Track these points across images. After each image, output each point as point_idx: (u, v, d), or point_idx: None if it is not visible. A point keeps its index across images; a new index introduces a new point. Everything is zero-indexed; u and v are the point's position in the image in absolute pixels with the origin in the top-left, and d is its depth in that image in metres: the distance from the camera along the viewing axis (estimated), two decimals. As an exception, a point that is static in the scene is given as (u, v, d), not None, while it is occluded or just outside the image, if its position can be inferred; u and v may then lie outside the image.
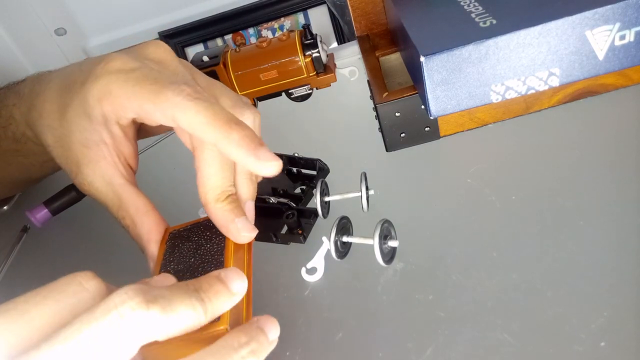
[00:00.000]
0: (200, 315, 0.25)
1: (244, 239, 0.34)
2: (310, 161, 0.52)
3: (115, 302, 0.22)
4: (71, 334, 0.21)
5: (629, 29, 0.37)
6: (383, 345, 0.34)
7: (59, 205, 0.55)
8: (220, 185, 0.34)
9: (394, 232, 0.39)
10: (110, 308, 0.22)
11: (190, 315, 0.24)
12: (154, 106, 0.31)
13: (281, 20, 1.00)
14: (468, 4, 0.43)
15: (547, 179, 0.42)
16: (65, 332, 0.21)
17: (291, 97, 0.62)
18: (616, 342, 0.30)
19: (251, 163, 0.31)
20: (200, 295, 0.26)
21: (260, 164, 0.30)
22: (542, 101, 0.48)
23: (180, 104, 0.30)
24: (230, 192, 0.35)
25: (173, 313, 0.23)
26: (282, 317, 0.39)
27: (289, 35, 0.60)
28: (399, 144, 0.50)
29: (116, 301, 0.22)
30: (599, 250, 0.35)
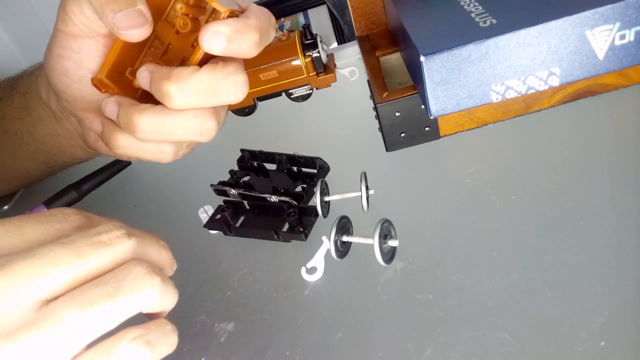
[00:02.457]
0: None
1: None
2: (311, 160, 0.52)
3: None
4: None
5: (629, 29, 0.37)
6: (383, 345, 0.34)
7: (59, 205, 0.55)
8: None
9: (394, 231, 0.39)
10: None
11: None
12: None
13: (281, 20, 1.00)
14: (468, 3, 0.43)
15: (547, 178, 0.42)
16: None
17: (291, 97, 0.62)
18: (616, 342, 0.30)
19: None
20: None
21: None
22: (542, 101, 0.48)
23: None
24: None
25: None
26: (282, 317, 0.39)
27: (289, 35, 0.60)
28: (399, 144, 0.50)
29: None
30: (599, 250, 0.35)
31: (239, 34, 0.29)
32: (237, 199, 0.51)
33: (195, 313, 0.41)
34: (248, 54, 0.30)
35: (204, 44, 0.29)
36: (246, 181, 0.54)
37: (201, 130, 0.32)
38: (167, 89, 0.30)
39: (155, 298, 0.25)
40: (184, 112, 0.32)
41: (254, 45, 0.30)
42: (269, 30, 0.31)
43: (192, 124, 0.32)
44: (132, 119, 0.32)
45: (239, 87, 0.31)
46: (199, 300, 0.42)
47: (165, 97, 0.30)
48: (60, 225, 0.26)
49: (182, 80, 0.30)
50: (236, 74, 0.31)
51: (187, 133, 0.32)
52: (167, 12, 0.32)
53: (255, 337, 0.38)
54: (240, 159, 0.56)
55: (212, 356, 0.38)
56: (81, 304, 0.23)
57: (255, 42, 0.30)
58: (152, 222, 0.54)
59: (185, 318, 0.41)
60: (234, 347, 0.38)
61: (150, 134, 0.32)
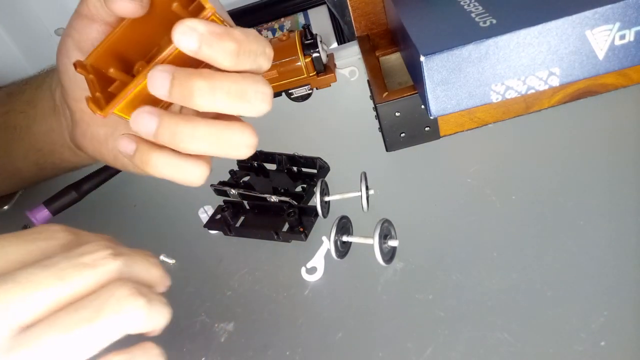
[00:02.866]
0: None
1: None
2: (311, 160, 0.52)
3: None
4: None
5: (629, 29, 0.37)
6: (383, 345, 0.34)
7: (59, 205, 0.55)
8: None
9: (394, 231, 0.39)
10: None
11: None
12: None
13: (281, 20, 1.00)
14: (468, 3, 0.43)
15: (547, 178, 0.42)
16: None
17: (291, 97, 0.62)
18: (616, 342, 0.30)
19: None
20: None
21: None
22: (542, 101, 0.48)
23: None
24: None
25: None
26: (282, 317, 0.39)
27: (289, 35, 0.60)
28: (399, 144, 0.50)
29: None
30: (599, 250, 0.35)
31: (215, 37, 0.27)
32: (237, 199, 0.51)
33: (195, 313, 0.41)
34: (222, 63, 0.28)
35: (175, 38, 0.26)
36: (246, 181, 0.54)
37: (248, 143, 0.31)
38: (198, 86, 0.27)
39: (141, 319, 0.24)
40: (233, 123, 0.30)
41: (230, 55, 0.27)
42: (255, 52, 0.29)
43: (240, 138, 0.30)
44: (179, 130, 0.29)
45: (266, 97, 0.30)
46: (199, 300, 0.42)
47: (194, 95, 0.28)
48: (46, 244, 0.25)
49: (215, 79, 0.28)
50: (264, 85, 0.30)
51: (234, 146, 0.31)
52: (166, 26, 0.32)
53: (255, 337, 0.38)
54: (240, 159, 0.56)
55: (212, 356, 0.38)
56: (59, 330, 0.22)
57: (232, 52, 0.27)
58: (152, 222, 0.54)
59: (185, 318, 0.41)
60: (234, 347, 0.38)
61: (200, 145, 0.30)
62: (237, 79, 0.28)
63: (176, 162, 0.30)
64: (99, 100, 0.30)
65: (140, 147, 0.30)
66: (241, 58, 0.28)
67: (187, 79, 0.27)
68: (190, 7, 0.30)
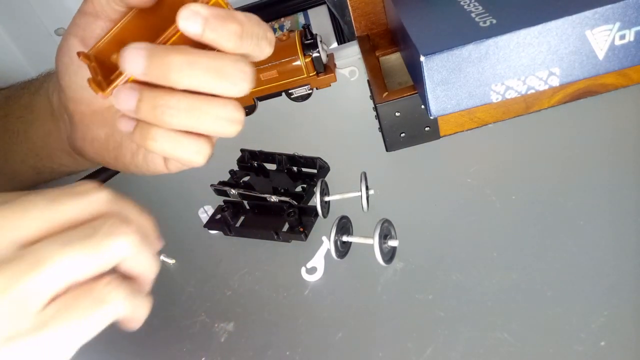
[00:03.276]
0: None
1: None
2: (311, 160, 0.52)
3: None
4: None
5: (629, 29, 0.37)
6: (383, 345, 0.34)
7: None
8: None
9: (394, 231, 0.39)
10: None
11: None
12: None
13: (281, 20, 1.00)
14: (468, 3, 0.43)
15: (547, 178, 0.42)
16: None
17: (291, 97, 0.62)
18: (616, 342, 0.30)
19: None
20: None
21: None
22: (542, 101, 0.48)
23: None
24: None
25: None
26: (282, 317, 0.39)
27: (289, 35, 0.60)
28: (399, 144, 0.50)
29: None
30: (599, 250, 0.35)
31: (219, 21, 0.27)
32: (237, 199, 0.51)
33: (195, 313, 0.41)
34: (225, 45, 0.28)
35: (180, 23, 0.27)
36: (246, 181, 0.54)
37: (232, 118, 0.31)
38: (175, 61, 0.28)
39: (132, 249, 0.25)
40: (215, 97, 0.30)
41: (234, 38, 0.28)
42: (257, 35, 0.29)
43: (222, 111, 0.30)
44: (159, 104, 0.29)
45: (246, 75, 0.29)
46: (199, 300, 0.42)
47: (171, 71, 0.28)
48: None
49: (192, 55, 0.28)
50: (244, 63, 0.29)
51: (218, 121, 0.30)
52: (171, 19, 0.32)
53: (255, 337, 0.38)
54: (240, 159, 0.56)
55: (212, 356, 0.38)
56: (59, 244, 0.23)
57: (236, 34, 0.28)
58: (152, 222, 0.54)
59: (185, 318, 0.41)
60: (234, 347, 0.38)
61: (182, 119, 0.30)
62: (215, 56, 0.28)
63: (175, 136, 0.31)
64: (101, 83, 0.31)
65: (140, 122, 0.31)
66: (244, 41, 0.28)
67: (163, 55, 0.27)
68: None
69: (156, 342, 0.40)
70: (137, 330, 0.31)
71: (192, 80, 0.28)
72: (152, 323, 0.42)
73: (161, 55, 0.27)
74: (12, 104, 0.45)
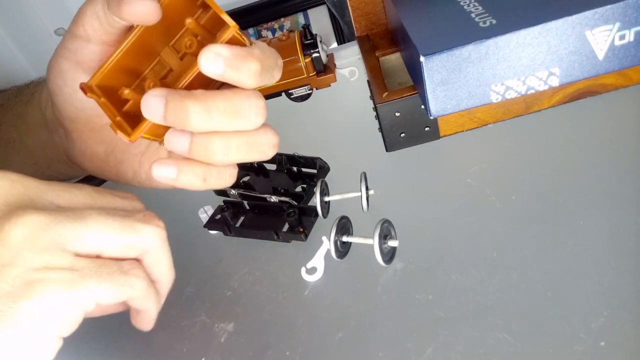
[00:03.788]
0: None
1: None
2: (311, 160, 0.52)
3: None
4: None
5: (629, 29, 0.37)
6: (383, 345, 0.34)
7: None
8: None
9: (394, 232, 0.39)
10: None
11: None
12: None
13: (281, 20, 1.00)
14: (468, 4, 0.43)
15: (547, 178, 0.42)
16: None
17: (291, 97, 0.62)
18: (616, 342, 0.30)
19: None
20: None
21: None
22: (542, 101, 0.48)
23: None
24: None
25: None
26: (282, 317, 0.39)
27: (289, 36, 0.60)
28: (399, 144, 0.50)
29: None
30: (599, 250, 0.35)
31: (240, 60, 0.28)
32: (237, 199, 0.51)
33: (195, 313, 0.41)
34: (246, 83, 0.29)
35: (202, 64, 0.27)
36: (246, 181, 0.54)
37: (273, 143, 0.32)
38: (192, 108, 0.28)
39: (158, 241, 0.29)
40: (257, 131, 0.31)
41: (254, 75, 0.29)
42: (272, 67, 0.30)
43: (246, 100, 0.30)
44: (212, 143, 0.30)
45: (260, 110, 0.30)
46: (199, 300, 0.42)
47: (190, 118, 0.28)
48: (117, 199, 0.31)
49: (208, 99, 0.29)
50: (257, 98, 0.30)
51: (263, 148, 0.31)
52: (176, 40, 0.31)
53: (255, 337, 0.38)
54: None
55: (212, 356, 0.38)
56: (103, 214, 0.27)
57: (256, 72, 0.28)
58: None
59: (185, 318, 0.41)
60: (234, 347, 0.38)
61: (232, 155, 0.31)
62: (230, 97, 0.29)
63: (226, 170, 0.33)
64: (122, 124, 0.30)
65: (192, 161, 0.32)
66: (263, 76, 0.29)
67: (180, 102, 0.28)
68: (204, 19, 0.30)
69: (156, 342, 0.40)
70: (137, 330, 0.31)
71: (210, 124, 0.29)
72: (152, 323, 0.42)
73: (179, 103, 0.28)
74: (6, 113, 0.44)
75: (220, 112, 0.29)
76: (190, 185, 0.31)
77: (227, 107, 0.29)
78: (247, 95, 0.29)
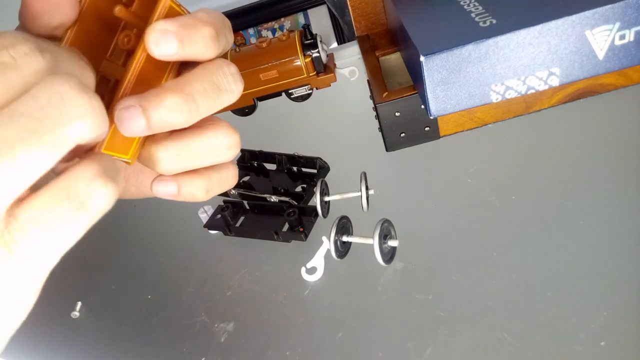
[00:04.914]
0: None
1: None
2: (311, 160, 0.52)
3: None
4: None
5: (629, 29, 0.37)
6: (383, 345, 0.34)
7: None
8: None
9: (394, 231, 0.39)
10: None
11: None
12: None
13: (281, 20, 1.00)
14: (468, 3, 0.43)
15: (547, 178, 0.42)
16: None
17: (291, 97, 0.62)
18: (616, 342, 0.30)
19: None
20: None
21: None
22: (542, 101, 0.48)
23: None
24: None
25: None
26: (282, 317, 0.39)
27: (289, 35, 0.60)
28: (399, 144, 0.50)
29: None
30: (599, 250, 0.35)
31: (191, 30, 0.23)
32: (237, 199, 0.51)
33: (195, 313, 0.41)
34: (206, 53, 0.25)
35: (152, 48, 0.23)
36: (246, 181, 0.54)
37: (228, 144, 0.28)
38: (172, 102, 0.24)
39: (94, 125, 0.19)
40: (204, 132, 0.27)
41: (212, 41, 0.24)
42: (224, 28, 0.26)
43: (216, 141, 0.27)
44: (151, 153, 0.26)
45: (236, 76, 0.26)
46: (199, 300, 0.42)
47: (175, 114, 0.24)
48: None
49: (183, 87, 0.24)
50: (227, 64, 0.26)
51: (214, 150, 0.28)
52: (111, 51, 0.26)
53: (255, 337, 0.38)
54: (240, 159, 0.56)
55: (212, 356, 0.38)
56: (3, 141, 0.17)
57: (212, 37, 0.24)
58: (152, 222, 0.54)
59: (185, 318, 0.41)
60: (234, 347, 0.38)
61: (173, 164, 0.27)
62: (202, 75, 0.25)
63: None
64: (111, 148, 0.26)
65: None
66: (220, 40, 0.25)
67: (157, 102, 0.23)
68: (134, 6, 0.25)
69: (156, 342, 0.40)
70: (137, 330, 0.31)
71: (197, 112, 0.25)
72: (152, 323, 0.42)
73: (156, 103, 0.23)
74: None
75: (203, 95, 0.25)
76: (193, 198, 0.28)
77: (206, 86, 0.25)
78: (216, 66, 0.25)
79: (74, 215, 0.19)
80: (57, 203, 0.19)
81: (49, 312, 0.45)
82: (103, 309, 0.45)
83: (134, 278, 0.47)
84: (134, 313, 0.43)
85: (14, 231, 0.18)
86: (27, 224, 0.18)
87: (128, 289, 0.46)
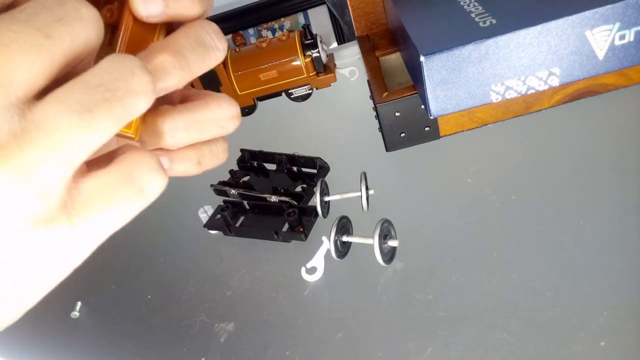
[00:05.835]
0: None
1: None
2: (310, 160, 0.52)
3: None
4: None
5: (629, 29, 0.37)
6: (383, 345, 0.34)
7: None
8: None
9: (394, 231, 0.39)
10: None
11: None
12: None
13: (281, 20, 1.00)
14: (468, 3, 0.43)
15: (547, 178, 0.42)
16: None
17: (291, 97, 0.62)
18: (616, 342, 0.30)
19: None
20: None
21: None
22: (542, 101, 0.48)
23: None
24: None
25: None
26: (282, 317, 0.39)
27: (289, 35, 0.60)
28: (399, 144, 0.50)
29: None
30: (599, 250, 0.35)
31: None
32: (237, 199, 0.51)
33: (195, 313, 0.41)
34: (191, 11, 0.24)
35: (140, 9, 0.23)
36: (246, 181, 0.54)
37: (231, 114, 0.27)
38: (165, 60, 0.23)
39: (151, 100, 0.20)
40: (208, 104, 0.27)
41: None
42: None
43: (220, 112, 0.27)
44: (157, 127, 0.26)
45: (219, 33, 0.26)
46: (199, 300, 0.42)
47: (168, 71, 0.24)
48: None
49: (172, 44, 0.24)
50: (208, 23, 0.26)
51: (219, 121, 0.27)
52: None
53: (255, 337, 0.38)
54: (240, 159, 0.56)
55: (212, 356, 0.38)
56: (77, 112, 0.18)
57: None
58: (152, 222, 0.54)
59: (185, 318, 0.41)
60: (234, 347, 0.38)
61: (180, 137, 0.26)
62: (187, 33, 0.25)
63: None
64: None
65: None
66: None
67: (156, 57, 0.23)
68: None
69: (156, 342, 0.40)
70: (137, 330, 0.31)
71: (189, 70, 0.24)
72: (152, 323, 0.42)
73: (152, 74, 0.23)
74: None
75: (190, 51, 0.24)
76: (185, 172, 0.28)
77: (192, 43, 0.24)
78: (199, 24, 0.25)
79: (133, 199, 0.20)
80: (121, 185, 0.20)
81: (49, 312, 0.45)
82: (103, 309, 0.45)
83: (134, 278, 0.47)
84: (134, 313, 0.43)
85: (78, 205, 0.19)
86: (93, 200, 0.19)
87: (128, 289, 0.46)
